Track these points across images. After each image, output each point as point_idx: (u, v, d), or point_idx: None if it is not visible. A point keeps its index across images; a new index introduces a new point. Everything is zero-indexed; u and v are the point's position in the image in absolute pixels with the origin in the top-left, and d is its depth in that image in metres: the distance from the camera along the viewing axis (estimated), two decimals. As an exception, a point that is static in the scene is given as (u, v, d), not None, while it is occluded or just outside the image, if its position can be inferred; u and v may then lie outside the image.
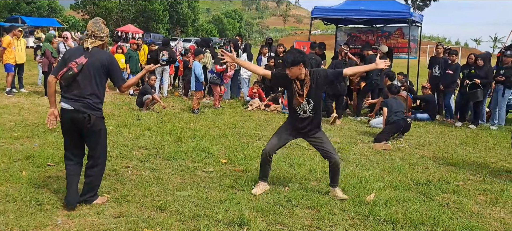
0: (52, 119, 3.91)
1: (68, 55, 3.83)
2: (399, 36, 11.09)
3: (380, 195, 4.53)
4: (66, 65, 3.73)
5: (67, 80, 3.73)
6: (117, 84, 4.02)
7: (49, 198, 4.08)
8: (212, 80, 10.00)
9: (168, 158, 5.69)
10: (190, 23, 61.83)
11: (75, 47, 4.14)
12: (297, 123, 4.44)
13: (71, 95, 3.76)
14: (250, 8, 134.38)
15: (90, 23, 3.83)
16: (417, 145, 7.19)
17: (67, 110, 3.77)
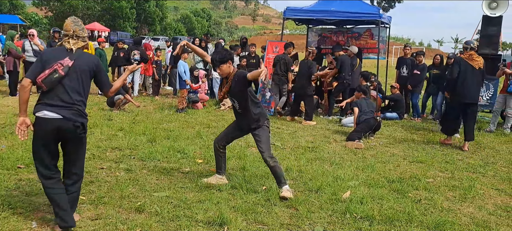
0: (24, 129, 3.38)
1: (47, 57, 3.39)
2: (368, 37, 11.34)
3: (355, 193, 4.64)
4: (45, 68, 3.29)
5: (51, 84, 3.30)
6: (105, 90, 3.71)
7: (22, 201, 3.96)
8: (193, 99, 9.91)
9: (143, 159, 5.62)
10: (158, 22, 60.95)
11: (55, 48, 3.63)
12: (236, 117, 4.72)
13: (57, 102, 3.32)
14: (218, 7, 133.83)
15: (70, 22, 3.48)
16: (388, 143, 7.39)
17: (51, 119, 3.30)
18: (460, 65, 7.14)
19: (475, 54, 7.24)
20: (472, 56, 7.15)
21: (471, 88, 7.12)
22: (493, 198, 4.79)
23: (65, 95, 3.35)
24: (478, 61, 7.17)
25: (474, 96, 7.21)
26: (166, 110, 9.54)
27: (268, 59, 10.33)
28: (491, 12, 10.12)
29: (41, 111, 3.32)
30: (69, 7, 50.53)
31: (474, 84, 7.15)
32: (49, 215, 3.71)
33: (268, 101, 10.07)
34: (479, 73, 7.18)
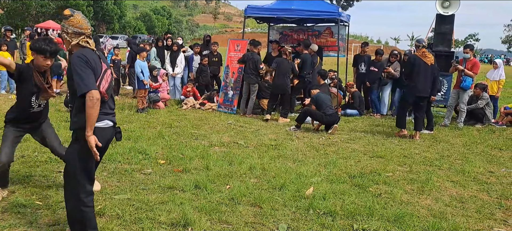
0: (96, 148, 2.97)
1: (94, 63, 3.00)
2: (328, 35, 11.53)
3: (318, 189, 4.71)
4: (99, 75, 3.00)
5: (110, 92, 3.14)
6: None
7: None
8: (153, 99, 9.70)
9: (103, 161, 5.44)
10: (116, 20, 59.42)
11: (85, 50, 3.05)
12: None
13: (110, 110, 3.15)
14: (178, 5, 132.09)
15: (84, 20, 3.10)
16: (348, 140, 7.55)
17: (110, 128, 3.16)
18: (414, 62, 7.72)
19: (427, 52, 7.83)
20: (425, 53, 7.75)
21: (424, 83, 7.69)
22: (448, 190, 4.99)
23: (111, 101, 3.21)
24: (430, 57, 7.75)
25: (426, 90, 7.77)
26: (126, 110, 9.32)
27: (230, 57, 10.29)
28: (444, 11, 10.55)
29: (103, 121, 3.06)
30: (22, 4, 48.40)
31: (427, 79, 7.71)
32: (4, 222, 3.54)
33: (231, 100, 10.04)
34: (431, 69, 7.73)
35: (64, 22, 3.09)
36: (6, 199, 4.06)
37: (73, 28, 3.04)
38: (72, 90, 3.03)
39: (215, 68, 11.42)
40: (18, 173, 4.79)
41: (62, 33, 3.11)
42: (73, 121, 3.04)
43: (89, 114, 2.88)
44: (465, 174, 5.64)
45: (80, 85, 2.87)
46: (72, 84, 2.98)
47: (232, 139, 7.14)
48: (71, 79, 2.99)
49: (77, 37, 3.05)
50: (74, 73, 2.91)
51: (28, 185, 4.46)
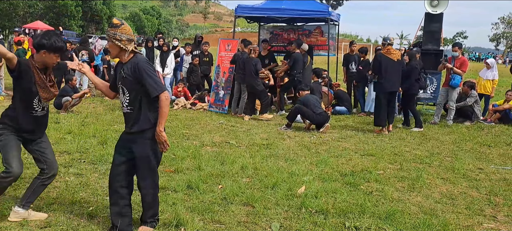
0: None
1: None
2: (318, 34, 11.58)
3: (310, 188, 4.73)
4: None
5: None
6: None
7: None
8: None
9: (94, 162, 5.43)
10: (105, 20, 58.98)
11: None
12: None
13: None
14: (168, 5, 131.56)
15: (130, 28, 3.34)
16: (339, 138, 7.59)
17: None
18: (381, 60, 8.04)
19: (392, 48, 8.22)
20: (390, 50, 8.11)
21: (392, 78, 8.03)
22: (439, 187, 5.05)
23: None
24: (395, 54, 8.12)
25: (395, 85, 8.15)
26: (117, 111, 9.26)
27: (221, 57, 10.29)
28: (432, 9, 10.67)
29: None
30: (9, 5, 47.81)
31: (395, 74, 8.06)
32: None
33: (222, 100, 10.04)
34: (398, 64, 8.09)
35: (115, 30, 3.25)
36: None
37: (127, 36, 3.26)
38: (133, 94, 3.29)
39: (206, 68, 11.41)
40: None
41: (113, 41, 3.26)
42: (143, 120, 3.30)
43: (164, 113, 3.24)
44: (455, 171, 5.71)
45: (155, 87, 3.20)
46: (136, 88, 3.26)
47: (223, 139, 7.14)
48: (137, 83, 3.24)
49: (131, 43, 3.28)
50: (147, 77, 3.20)
51: (18, 187, 4.42)
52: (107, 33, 3.31)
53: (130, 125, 3.37)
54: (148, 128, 3.31)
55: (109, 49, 3.36)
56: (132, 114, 3.33)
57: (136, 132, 3.33)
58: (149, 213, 3.57)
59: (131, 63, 3.27)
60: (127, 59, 3.31)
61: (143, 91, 3.26)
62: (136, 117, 3.31)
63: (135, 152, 3.37)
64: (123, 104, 3.38)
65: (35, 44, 3.44)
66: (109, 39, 3.29)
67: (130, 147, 3.39)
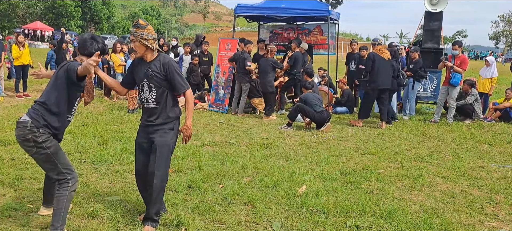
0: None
1: None
2: (318, 33, 11.57)
3: (311, 187, 4.72)
4: None
5: None
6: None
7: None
8: None
9: (94, 162, 5.42)
10: (105, 20, 58.97)
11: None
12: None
13: None
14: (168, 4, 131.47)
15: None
16: (340, 137, 7.58)
17: None
18: (373, 59, 8.38)
19: (383, 48, 8.67)
20: (381, 50, 8.52)
21: (384, 77, 8.40)
22: (439, 186, 5.04)
23: None
24: (386, 53, 8.54)
25: (387, 83, 8.48)
26: (117, 111, 9.25)
27: (221, 57, 10.27)
28: (432, 8, 10.65)
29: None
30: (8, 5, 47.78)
31: (386, 73, 8.45)
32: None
33: (222, 99, 10.03)
34: (389, 63, 8.49)
35: (141, 30, 3.38)
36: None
37: (152, 35, 3.42)
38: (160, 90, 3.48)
39: (205, 68, 11.38)
40: (8, 175, 4.74)
41: (141, 41, 3.38)
42: (169, 115, 3.54)
43: (191, 108, 3.54)
44: (456, 170, 5.70)
45: (183, 84, 3.49)
46: (163, 84, 3.46)
47: (224, 138, 7.13)
48: (165, 79, 3.45)
49: (155, 42, 3.45)
50: (176, 74, 3.46)
51: (18, 188, 4.41)
52: (134, 33, 3.41)
53: (153, 118, 3.54)
54: (170, 121, 3.55)
55: (135, 48, 3.45)
56: (157, 109, 3.52)
57: (159, 123, 3.53)
58: (154, 209, 3.57)
59: (158, 61, 3.47)
60: (153, 58, 3.48)
61: (169, 87, 3.49)
62: (160, 111, 3.52)
63: (155, 141, 3.52)
64: (148, 100, 3.52)
65: (90, 50, 3.43)
66: (135, 39, 3.40)
67: (151, 137, 3.55)
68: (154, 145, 3.52)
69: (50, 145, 3.28)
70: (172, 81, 3.46)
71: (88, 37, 3.50)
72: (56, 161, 3.30)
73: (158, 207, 3.59)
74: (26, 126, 3.21)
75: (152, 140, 3.55)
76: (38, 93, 11.59)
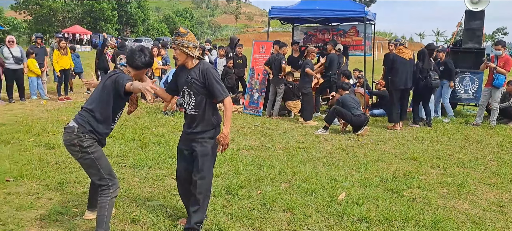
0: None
1: None
2: (353, 34, 11.39)
3: (350, 194, 4.64)
4: None
5: None
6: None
7: (12, 217, 3.85)
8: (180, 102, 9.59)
9: (134, 166, 5.53)
10: (140, 23, 60.35)
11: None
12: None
13: None
14: (200, 6, 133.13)
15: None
16: (378, 141, 7.42)
17: None
18: (393, 59, 8.42)
19: (404, 48, 8.63)
20: (402, 50, 8.53)
21: (404, 77, 8.36)
22: (485, 193, 4.84)
23: None
24: (407, 53, 8.49)
25: (407, 83, 8.44)
26: (154, 114, 9.42)
27: (255, 59, 10.28)
28: (473, 7, 10.27)
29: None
30: (49, 10, 49.67)
31: (407, 73, 8.38)
32: (43, 229, 3.62)
33: (256, 102, 10.03)
34: (410, 63, 8.44)
35: (182, 38, 3.43)
36: (44, 206, 4.15)
37: (193, 43, 3.46)
38: (199, 97, 3.50)
39: (240, 70, 11.43)
40: (54, 179, 4.89)
41: (181, 48, 3.44)
42: (209, 122, 3.55)
43: (229, 116, 3.48)
44: (502, 176, 5.47)
45: (222, 92, 3.46)
46: (202, 91, 3.48)
47: (259, 142, 7.12)
48: (204, 87, 3.47)
49: (196, 49, 3.48)
50: (215, 82, 3.45)
51: (64, 191, 4.55)
52: (175, 42, 3.46)
53: (193, 126, 3.56)
54: (210, 129, 3.55)
55: (177, 56, 3.51)
56: (196, 116, 3.54)
57: (199, 132, 3.54)
58: (196, 219, 3.58)
59: (198, 69, 3.49)
60: (193, 65, 3.50)
61: (208, 95, 3.49)
62: (200, 119, 3.53)
63: (197, 150, 3.55)
64: (188, 107, 3.56)
65: (138, 63, 3.48)
66: (176, 46, 3.46)
67: (192, 146, 3.57)
68: (196, 154, 3.55)
69: (95, 150, 3.37)
70: (210, 89, 3.45)
71: (137, 49, 3.55)
72: (99, 167, 3.39)
73: (199, 217, 3.59)
74: (72, 131, 3.32)
75: (193, 148, 3.57)
76: (78, 96, 11.98)
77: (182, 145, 3.70)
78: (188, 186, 3.65)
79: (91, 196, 3.84)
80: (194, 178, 3.55)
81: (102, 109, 3.37)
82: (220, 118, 3.66)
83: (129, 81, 3.26)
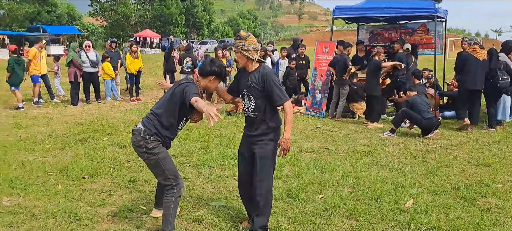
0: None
1: None
2: (423, 32, 10.85)
3: (418, 201, 4.41)
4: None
5: None
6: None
7: (86, 212, 4.10)
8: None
9: (198, 166, 5.67)
10: (206, 26, 62.11)
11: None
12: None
13: None
14: (263, 7, 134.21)
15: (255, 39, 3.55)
16: (449, 145, 7.01)
17: None
18: (466, 58, 8.12)
19: (478, 48, 8.14)
20: (476, 50, 8.09)
21: (474, 77, 8.00)
22: None
23: None
24: (481, 53, 8.05)
25: (477, 83, 8.03)
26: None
27: (318, 60, 10.15)
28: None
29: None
30: (122, 16, 52.62)
31: (477, 74, 8.00)
32: (114, 225, 3.82)
33: (319, 103, 9.90)
34: (483, 64, 8.00)
35: (242, 41, 3.46)
36: (115, 203, 4.38)
37: (253, 46, 3.47)
38: (259, 101, 3.50)
39: (302, 71, 11.34)
40: (125, 177, 5.15)
41: (241, 52, 3.48)
42: (269, 125, 3.54)
43: (290, 120, 3.43)
44: None
45: (281, 96, 3.44)
46: (261, 95, 3.47)
47: (322, 144, 7.01)
48: (263, 91, 3.46)
49: (256, 53, 3.49)
50: (274, 86, 3.44)
51: (133, 189, 4.78)
52: (236, 45, 3.50)
53: (253, 129, 3.58)
54: (270, 132, 3.55)
55: (237, 59, 3.55)
56: (256, 119, 3.55)
57: (259, 134, 3.56)
58: (259, 223, 3.57)
59: (258, 72, 3.50)
60: (253, 68, 3.52)
61: (268, 98, 3.47)
62: (260, 122, 3.54)
63: (256, 153, 3.56)
64: (249, 109, 3.58)
65: (206, 71, 3.56)
66: (237, 50, 3.50)
67: (252, 148, 3.59)
68: (255, 157, 3.56)
69: (159, 151, 3.48)
70: (270, 93, 3.44)
71: (208, 61, 3.62)
72: (164, 167, 3.50)
73: (263, 221, 3.58)
74: (139, 133, 3.47)
75: (253, 151, 3.58)
76: (148, 98, 12.56)
77: (242, 147, 3.73)
78: (249, 189, 3.67)
79: (158, 195, 3.99)
80: (254, 182, 3.56)
81: (168, 116, 3.48)
82: (280, 120, 3.63)
83: (196, 95, 3.29)
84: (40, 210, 4.11)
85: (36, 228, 3.74)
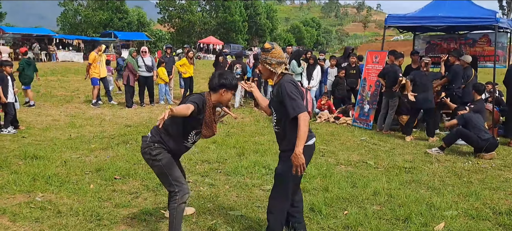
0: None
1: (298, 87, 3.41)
2: (485, 43, 10.12)
3: (451, 225, 4.08)
4: (304, 98, 3.38)
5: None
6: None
7: (109, 213, 4.24)
8: None
9: (228, 173, 5.67)
10: (268, 33, 62.68)
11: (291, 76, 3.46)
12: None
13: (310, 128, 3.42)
14: (329, 15, 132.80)
15: (282, 51, 3.43)
16: (502, 166, 6.44)
17: (314, 144, 3.49)
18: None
19: None
20: None
21: None
22: None
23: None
24: None
25: None
26: (261, 122, 9.60)
27: (368, 70, 9.81)
28: None
29: (312, 139, 3.42)
30: (188, 23, 54.63)
31: None
32: (130, 228, 3.91)
33: (367, 115, 9.55)
34: None
35: (266, 54, 3.41)
36: (138, 205, 4.50)
37: (276, 59, 3.37)
38: (279, 114, 3.39)
39: (353, 81, 11.00)
40: (154, 180, 5.24)
41: (264, 64, 3.44)
42: (288, 140, 3.33)
43: (302, 133, 3.16)
44: None
45: (294, 108, 3.20)
46: (281, 109, 3.34)
47: (361, 158, 6.74)
48: (280, 102, 3.32)
49: (280, 66, 3.38)
50: (288, 98, 3.23)
51: (158, 193, 4.87)
52: (260, 57, 3.49)
53: (279, 143, 3.49)
54: (291, 148, 3.23)
55: (261, 71, 3.52)
56: (279, 133, 3.45)
57: (282, 150, 3.44)
58: None
59: (277, 84, 3.38)
60: (276, 81, 3.42)
61: (286, 112, 3.28)
62: (282, 136, 3.42)
63: (276, 169, 3.47)
64: (273, 123, 3.50)
65: (214, 85, 3.52)
66: (261, 62, 3.48)
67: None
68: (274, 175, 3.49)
69: (162, 157, 3.50)
70: (283, 104, 3.27)
71: (217, 73, 3.60)
72: (168, 173, 3.53)
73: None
74: (146, 140, 3.57)
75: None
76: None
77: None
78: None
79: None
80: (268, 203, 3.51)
81: (173, 125, 3.51)
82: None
83: (192, 103, 3.30)
84: (66, 208, 4.31)
85: (58, 225, 3.92)
